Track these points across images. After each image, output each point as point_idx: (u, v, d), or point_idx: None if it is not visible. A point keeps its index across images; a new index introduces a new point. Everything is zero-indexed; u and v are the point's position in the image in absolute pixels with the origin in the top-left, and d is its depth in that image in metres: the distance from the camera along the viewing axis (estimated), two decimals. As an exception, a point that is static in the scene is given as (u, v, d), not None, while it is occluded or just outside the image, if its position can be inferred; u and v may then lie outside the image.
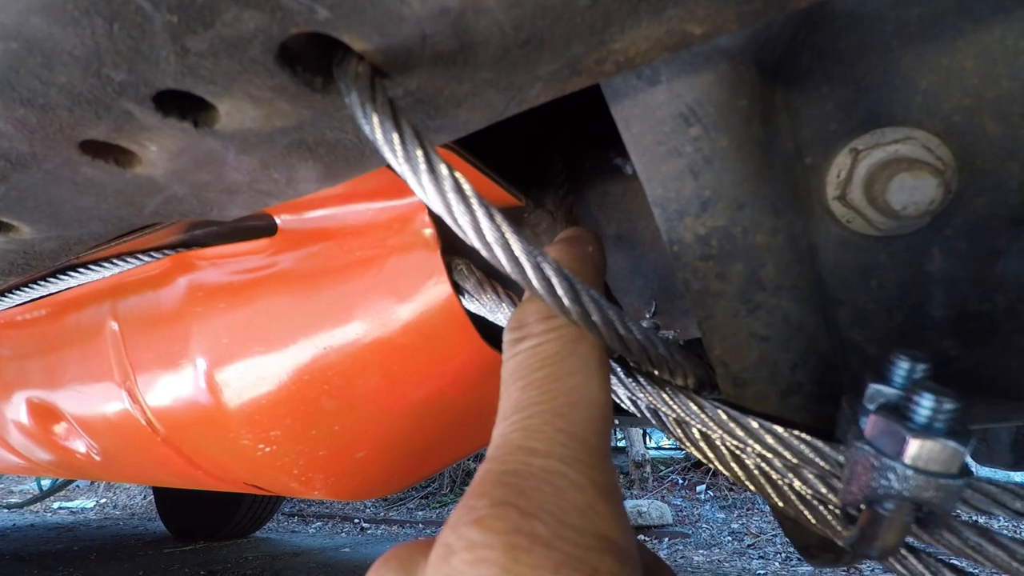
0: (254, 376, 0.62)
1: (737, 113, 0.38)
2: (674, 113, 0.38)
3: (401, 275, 0.55)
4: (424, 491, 4.85)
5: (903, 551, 0.34)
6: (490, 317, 0.54)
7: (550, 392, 0.27)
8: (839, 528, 0.35)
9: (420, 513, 4.52)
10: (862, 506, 0.32)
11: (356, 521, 4.32)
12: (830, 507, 0.36)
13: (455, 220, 0.29)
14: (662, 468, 4.98)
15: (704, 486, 4.60)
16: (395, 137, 0.29)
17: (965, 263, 0.42)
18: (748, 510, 4.06)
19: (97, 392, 0.78)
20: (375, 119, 0.29)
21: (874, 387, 0.33)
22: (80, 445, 0.91)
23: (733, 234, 0.38)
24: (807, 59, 0.41)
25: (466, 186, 0.29)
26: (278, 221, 0.62)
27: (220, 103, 0.35)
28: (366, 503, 4.76)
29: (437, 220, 0.55)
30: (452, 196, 0.29)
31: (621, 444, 5.40)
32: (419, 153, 0.29)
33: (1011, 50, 0.38)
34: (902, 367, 0.33)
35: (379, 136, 0.29)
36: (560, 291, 0.29)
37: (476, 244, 0.29)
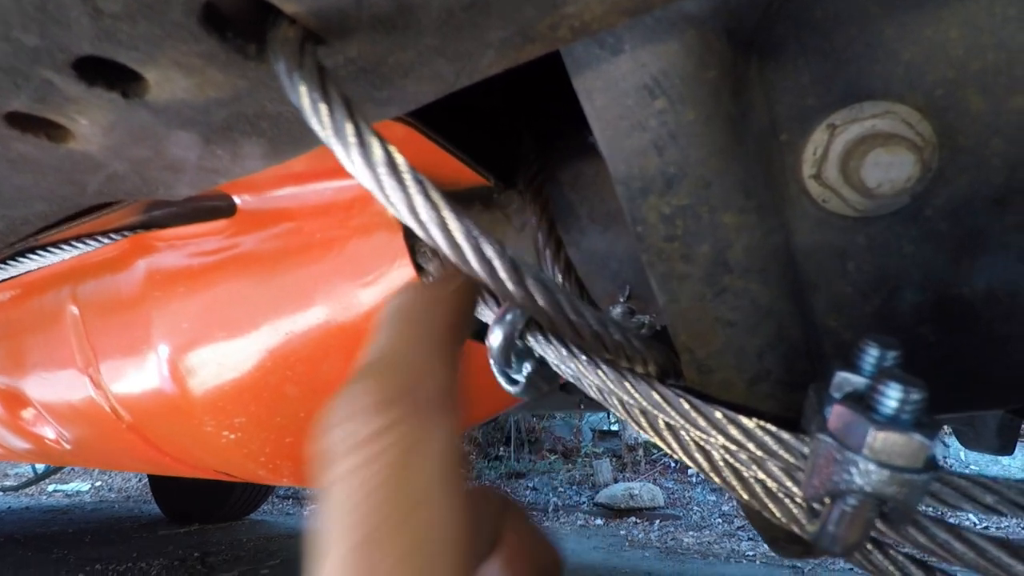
0: (216, 362, 0.60)
1: (705, 85, 0.35)
2: (638, 84, 0.36)
3: (363, 258, 0.53)
4: (418, 474, 4.88)
5: (869, 546, 0.33)
6: (456, 301, 0.52)
7: (391, 557, 0.19)
8: (804, 522, 0.33)
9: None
10: (826, 500, 0.30)
11: (350, 503, 4.34)
12: (796, 500, 0.35)
13: (387, 197, 0.27)
14: (654, 451, 5.02)
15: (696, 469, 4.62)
16: (323, 108, 0.27)
17: (945, 245, 0.40)
18: (739, 492, 4.09)
19: (61, 379, 0.76)
20: (302, 88, 0.27)
21: (841, 375, 0.31)
22: (49, 431, 0.89)
23: (699, 213, 0.36)
24: (783, 29, 0.39)
25: (400, 160, 0.27)
26: (237, 201, 0.60)
27: (147, 71, 0.33)
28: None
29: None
30: (383, 171, 0.26)
31: (615, 428, 5.43)
32: (348, 125, 0.27)
33: (998, 19, 0.36)
34: (871, 354, 0.31)
35: (306, 105, 0.27)
36: (503, 274, 0.27)
37: (411, 223, 0.27)
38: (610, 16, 0.30)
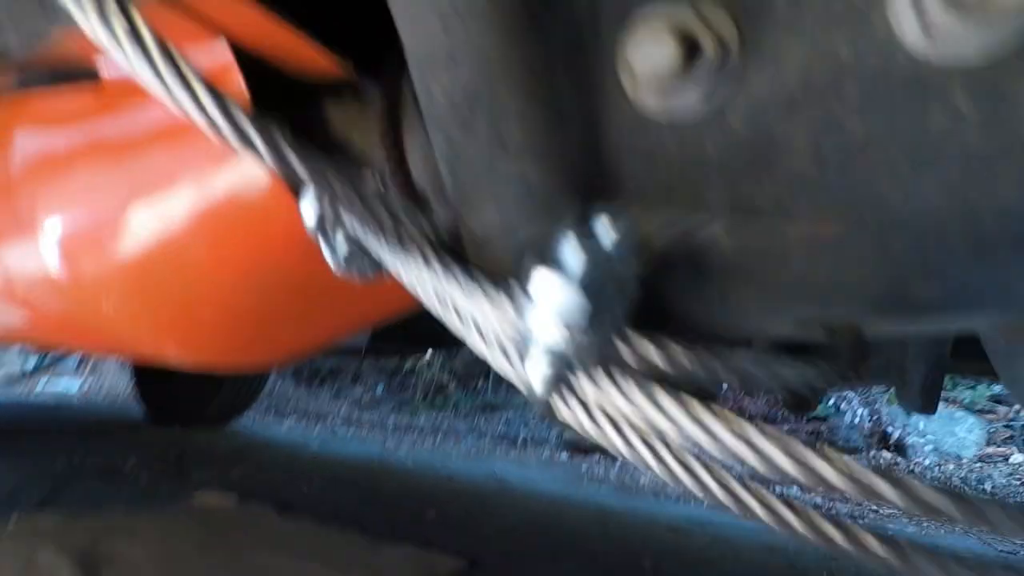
0: (89, 239, 0.62)
1: None
2: None
3: (217, 135, 0.53)
4: (397, 399, 5.02)
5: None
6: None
7: None
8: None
9: (392, 418, 4.69)
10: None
11: (329, 420, 4.49)
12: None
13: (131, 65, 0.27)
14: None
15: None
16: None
17: (743, 153, 0.40)
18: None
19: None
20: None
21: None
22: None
23: (480, 92, 0.37)
24: None
25: (142, 26, 0.27)
26: (103, 72, 0.60)
27: None
28: (340, 406, 4.93)
29: (251, 74, 0.52)
30: (125, 39, 0.27)
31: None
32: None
33: None
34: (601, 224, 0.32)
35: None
36: (226, 131, 0.28)
37: (159, 93, 0.27)
38: None
